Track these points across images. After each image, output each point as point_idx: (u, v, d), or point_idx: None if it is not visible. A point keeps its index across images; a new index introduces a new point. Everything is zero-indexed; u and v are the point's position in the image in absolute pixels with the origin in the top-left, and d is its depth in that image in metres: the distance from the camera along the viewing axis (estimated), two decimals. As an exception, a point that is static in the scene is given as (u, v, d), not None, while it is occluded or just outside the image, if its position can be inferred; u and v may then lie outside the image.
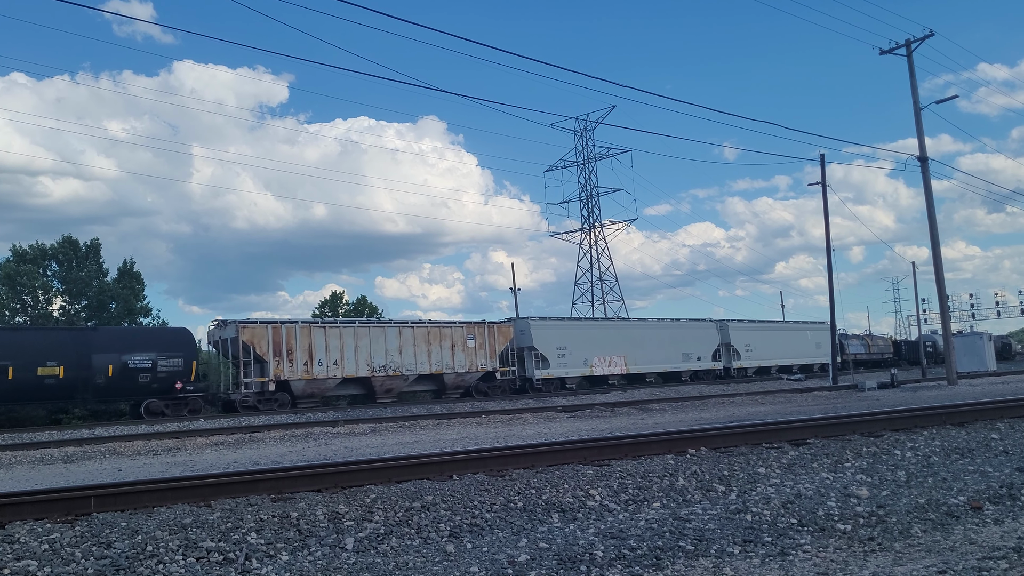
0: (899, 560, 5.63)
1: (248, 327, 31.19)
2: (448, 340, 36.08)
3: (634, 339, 43.65)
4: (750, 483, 8.67)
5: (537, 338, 38.91)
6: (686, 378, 45.57)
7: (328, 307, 60.72)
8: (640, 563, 5.76)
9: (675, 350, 45.40)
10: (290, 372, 31.69)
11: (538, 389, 38.04)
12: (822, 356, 55.70)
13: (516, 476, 8.96)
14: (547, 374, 38.90)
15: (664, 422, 18.25)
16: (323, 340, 32.64)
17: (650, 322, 47.65)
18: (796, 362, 53.93)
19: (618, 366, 42.00)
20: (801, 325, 58.31)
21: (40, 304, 42.84)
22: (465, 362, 36.53)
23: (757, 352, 51.09)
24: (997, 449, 10.48)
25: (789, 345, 54.01)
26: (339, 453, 14.21)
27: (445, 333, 36.21)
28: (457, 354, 36.28)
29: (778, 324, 56.53)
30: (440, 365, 35.75)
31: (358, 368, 33.31)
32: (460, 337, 36.47)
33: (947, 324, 33.78)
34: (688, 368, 46.10)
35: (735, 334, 49.80)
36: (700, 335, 47.63)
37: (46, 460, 15.77)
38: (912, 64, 32.52)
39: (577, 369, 40.26)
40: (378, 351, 33.95)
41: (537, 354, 38.77)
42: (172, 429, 22.20)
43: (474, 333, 37.01)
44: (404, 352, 34.72)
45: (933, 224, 32.23)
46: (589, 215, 70.43)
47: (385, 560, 6.08)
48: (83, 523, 7.08)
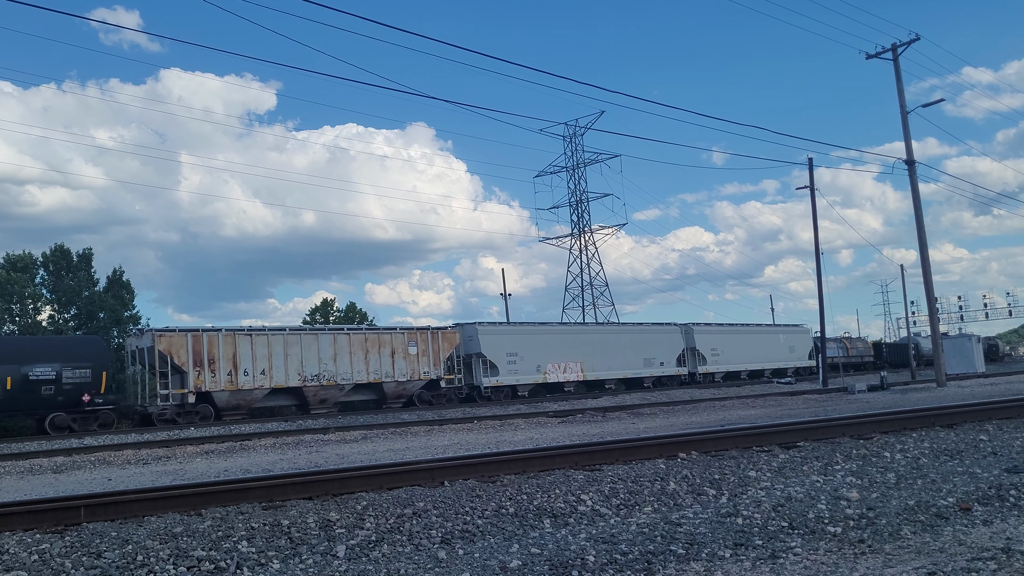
0: (889, 562, 5.66)
1: (165, 336, 29.88)
2: (388, 347, 34.61)
3: (592, 344, 42.52)
4: (741, 486, 8.69)
5: (485, 344, 37.63)
6: (648, 384, 44.51)
7: (319, 314, 60.68)
8: (632, 568, 5.77)
9: (636, 355, 44.27)
10: (212, 383, 30.23)
11: (487, 397, 36.80)
12: (796, 360, 55.34)
13: (507, 482, 8.97)
14: (496, 381, 37.49)
15: (655, 426, 18.27)
16: (249, 349, 31.21)
17: (610, 327, 46.95)
18: (767, 366, 52.99)
19: (574, 372, 40.99)
20: (773, 328, 57.41)
21: (28, 313, 42.63)
22: (407, 370, 35.01)
23: (725, 356, 49.97)
24: (986, 450, 10.53)
25: (760, 349, 52.92)
26: (330, 460, 14.17)
27: (384, 340, 34.71)
28: (398, 362, 34.82)
29: (748, 327, 55.49)
30: (379, 374, 34.26)
31: (288, 378, 31.94)
32: (401, 344, 35.05)
33: (935, 326, 33.95)
34: (650, 374, 44.84)
35: (701, 338, 48.65)
36: (663, 340, 46.52)
37: (35, 470, 15.68)
38: (898, 68, 32.73)
39: (529, 376, 39.04)
40: (310, 359, 32.51)
41: (485, 361, 37.42)
42: (162, 438, 22.12)
43: (416, 340, 35.56)
44: (339, 360, 33.27)
45: (921, 227, 32.41)
46: (579, 220, 70.61)
47: (377, 567, 6.07)
48: (73, 533, 7.05)
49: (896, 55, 32.70)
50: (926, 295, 33.23)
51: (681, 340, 47.30)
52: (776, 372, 52.98)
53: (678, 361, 46.70)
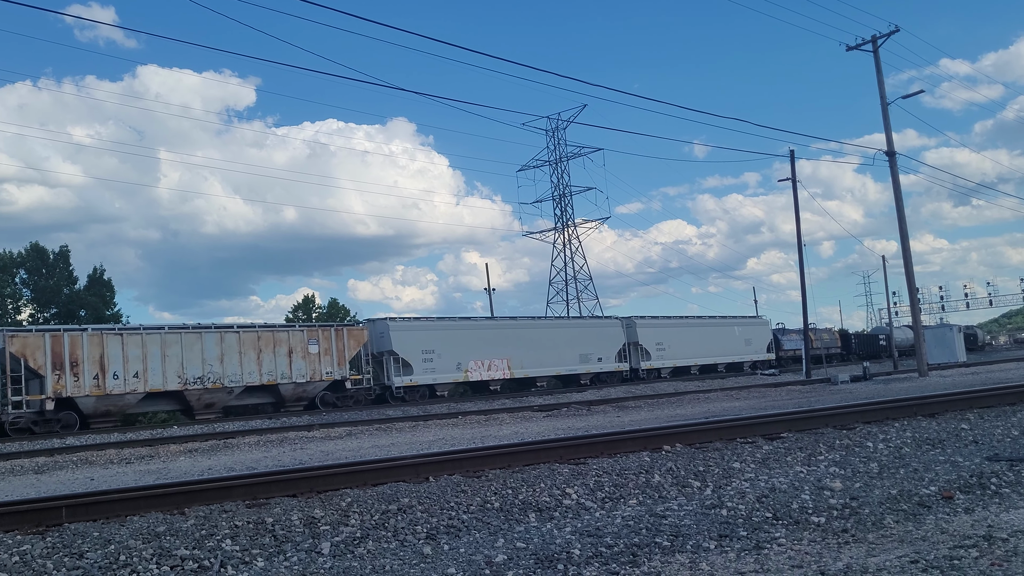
0: (872, 551, 5.69)
1: (18, 337, 27.48)
2: (284, 346, 32.19)
3: (520, 340, 40.17)
4: (725, 478, 8.73)
5: (397, 341, 35.41)
6: (586, 381, 42.40)
7: (301, 311, 60.53)
8: (617, 560, 5.78)
9: (571, 351, 42.04)
10: (75, 388, 27.69)
11: (400, 398, 34.79)
12: (752, 353, 53.23)
13: (492, 476, 8.96)
14: (410, 381, 35.30)
15: (640, 419, 18.32)
16: (120, 350, 28.69)
17: (543, 321, 44.86)
18: (721, 360, 50.89)
19: (500, 370, 38.71)
20: (727, 320, 54.78)
21: (9, 312, 42.29)
22: (306, 370, 32.60)
23: (672, 351, 47.46)
24: (967, 439, 10.62)
25: (712, 342, 50.58)
26: (315, 457, 14.13)
27: (280, 338, 32.26)
28: (296, 362, 32.38)
29: (698, 320, 53.47)
30: (274, 375, 31.80)
31: (166, 381, 29.45)
32: (299, 342, 32.70)
33: (917, 316, 34.19)
34: (587, 370, 42.53)
35: (644, 332, 46.33)
36: (601, 334, 44.35)
37: (16, 471, 15.55)
38: (878, 60, 32.88)
39: (448, 374, 36.99)
40: (193, 361, 30.00)
41: (398, 359, 35.19)
42: (145, 437, 22.00)
43: (317, 337, 33.24)
44: (227, 361, 30.73)
45: (902, 218, 32.62)
46: (562, 214, 70.65)
47: (362, 564, 6.05)
48: (55, 534, 6.99)
49: (876, 47, 32.84)
50: (907, 285, 33.47)
51: (622, 334, 45.15)
52: (731, 367, 51.03)
53: (618, 356, 44.49)
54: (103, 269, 46.46)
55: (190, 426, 26.62)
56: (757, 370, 50.13)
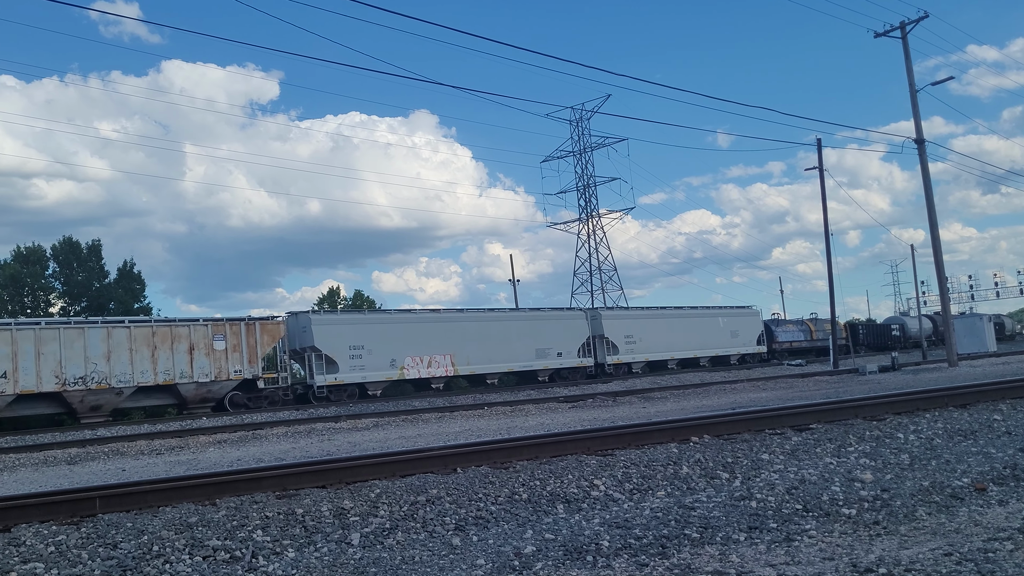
0: (904, 543, 5.64)
1: None
2: (184, 342, 29.57)
3: (466, 333, 37.69)
4: (754, 470, 8.68)
5: (321, 336, 33.09)
6: (544, 378, 40.29)
7: (326, 303, 60.86)
8: (646, 552, 5.77)
9: (526, 345, 39.60)
10: None
11: (324, 398, 32.54)
12: (739, 346, 50.57)
13: (520, 468, 8.97)
14: (335, 379, 33.09)
15: (666, 410, 18.28)
16: None
17: (493, 313, 41.38)
18: (703, 354, 48.18)
19: (442, 367, 36.42)
20: (711, 311, 51.64)
21: (41, 305, 42.88)
22: (211, 369, 29.98)
23: (645, 344, 44.72)
24: (1000, 430, 10.50)
25: (692, 334, 47.67)
26: (342, 448, 14.22)
27: (180, 334, 29.59)
28: (199, 359, 29.78)
29: (677, 310, 49.89)
30: (172, 374, 29.13)
31: (42, 382, 26.72)
32: (203, 338, 30.05)
33: (947, 306, 33.79)
34: (545, 366, 40.34)
35: (611, 324, 43.76)
36: (562, 327, 41.82)
37: (50, 462, 15.80)
38: (907, 46, 32.44)
39: (380, 372, 34.61)
40: (74, 359, 27.32)
41: (321, 355, 32.86)
42: (175, 428, 22.25)
43: (224, 333, 30.54)
44: (115, 359, 28.11)
45: (931, 207, 32.21)
46: (586, 205, 70.45)
47: (391, 554, 6.08)
48: (89, 524, 7.09)
49: (905, 33, 32.41)
50: (937, 274, 33.07)
51: (586, 327, 42.67)
52: (715, 360, 48.71)
53: (581, 351, 42.04)
54: (133, 263, 46.98)
55: (218, 417, 26.87)
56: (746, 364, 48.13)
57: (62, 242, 45.48)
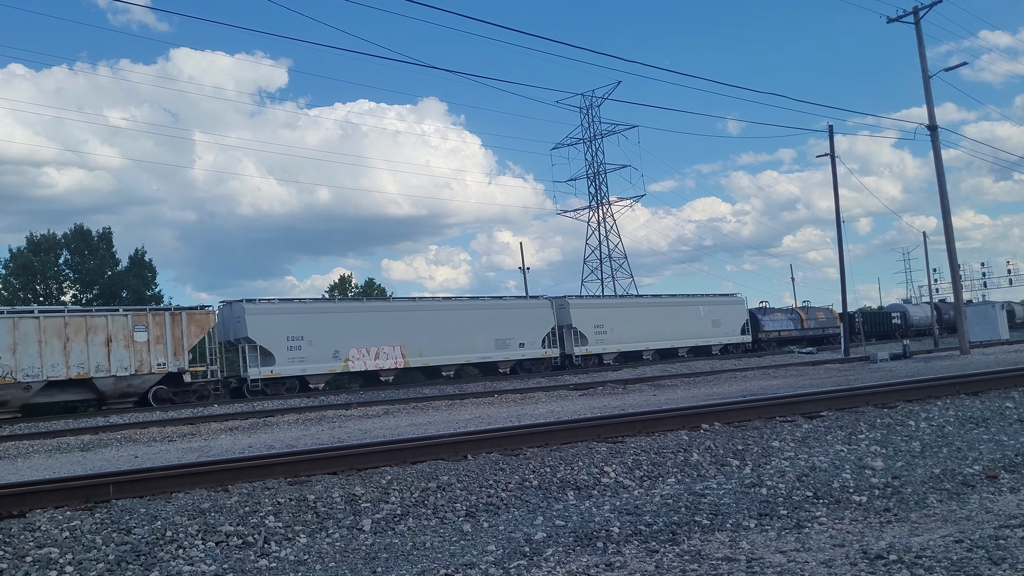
0: (915, 530, 5.64)
1: None
2: (100, 334, 27.51)
3: (418, 323, 35.88)
4: (764, 457, 8.68)
5: (255, 326, 31.24)
6: (505, 370, 38.20)
7: (336, 290, 61.01)
8: (656, 538, 5.78)
9: (485, 336, 37.64)
10: None
11: (259, 392, 30.70)
12: (722, 335, 48.80)
13: (530, 455, 8.99)
14: (271, 372, 31.33)
15: (676, 398, 18.28)
16: None
17: (448, 302, 39.33)
18: (682, 344, 46.24)
19: (391, 358, 34.67)
20: (691, 299, 49.26)
21: (53, 294, 43.13)
22: (131, 361, 27.98)
23: (616, 334, 42.85)
24: (1012, 418, 10.46)
25: (669, 323, 45.76)
26: (353, 435, 14.28)
27: (96, 324, 27.53)
28: (117, 351, 27.74)
29: (652, 299, 48.17)
30: (86, 367, 27.15)
31: None
32: (122, 329, 28.02)
33: (959, 293, 33.65)
34: (505, 357, 38.24)
35: (579, 313, 41.84)
36: (525, 316, 39.72)
37: (63, 448, 15.92)
38: (920, 31, 32.19)
39: (322, 364, 32.76)
40: None
41: (255, 347, 31.11)
42: (187, 415, 22.37)
43: (146, 323, 28.55)
44: (22, 351, 26.12)
45: (944, 194, 32.01)
46: (596, 192, 70.32)
47: (403, 540, 6.12)
48: (102, 510, 7.14)
49: (918, 18, 32.15)
50: (949, 262, 32.90)
51: (551, 316, 40.68)
52: (695, 350, 46.88)
53: (546, 341, 40.18)
54: (144, 250, 47.17)
55: (230, 404, 26.99)
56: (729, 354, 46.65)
57: (74, 230, 45.68)
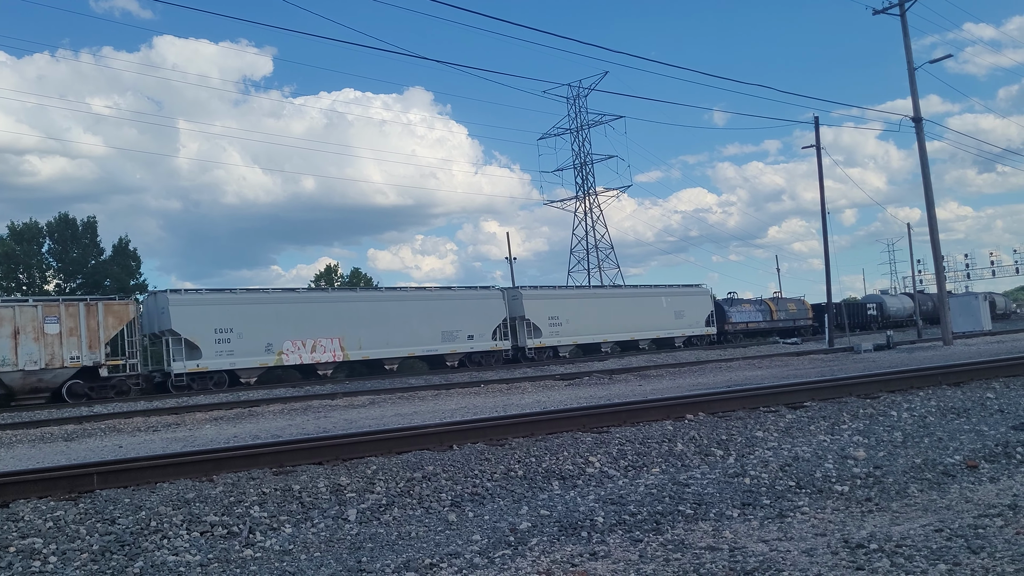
0: (896, 520, 5.69)
1: None
2: (7, 325, 26.08)
3: (358, 315, 34.66)
4: (748, 447, 8.74)
5: (180, 318, 29.90)
6: (452, 363, 37.09)
7: (323, 280, 60.85)
8: (640, 528, 5.82)
9: (431, 327, 36.46)
10: None
11: (184, 386, 29.34)
12: (685, 327, 47.53)
13: (516, 445, 9.01)
14: (197, 366, 29.93)
15: (662, 388, 18.36)
16: None
17: (391, 292, 38.01)
18: (643, 336, 45.09)
19: (328, 351, 33.45)
20: (654, 290, 48.12)
21: (36, 282, 42.82)
22: (41, 355, 26.53)
23: (573, 326, 41.66)
24: (992, 408, 10.56)
25: (630, 315, 44.62)
26: (338, 425, 14.27)
27: (2, 316, 26.06)
28: (26, 344, 26.30)
29: (612, 289, 47.11)
30: None
31: None
32: (31, 321, 26.54)
33: (942, 284, 33.89)
34: (453, 350, 37.13)
35: (533, 304, 40.36)
36: (473, 307, 38.39)
37: (47, 438, 15.84)
38: (905, 23, 32.32)
39: (253, 358, 31.44)
40: None
41: (180, 340, 29.78)
42: (171, 405, 22.29)
43: (59, 315, 27.07)
44: None
45: (928, 185, 32.21)
46: (583, 183, 70.33)
47: (388, 530, 6.14)
48: (87, 500, 7.13)
49: (903, 10, 32.28)
50: (933, 253, 33.16)
51: (503, 307, 39.25)
52: (658, 342, 45.80)
53: (497, 333, 38.87)
54: (128, 239, 46.87)
55: (215, 395, 26.92)
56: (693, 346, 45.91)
57: (58, 219, 45.35)
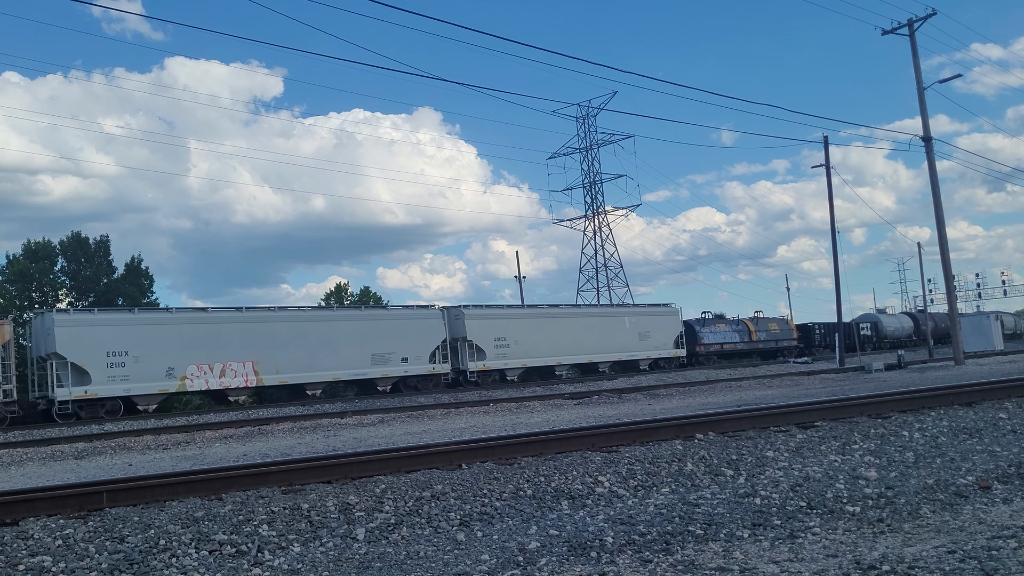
0: (908, 541, 5.65)
1: None
2: None
3: (275, 337, 31.86)
4: (758, 467, 8.69)
5: (65, 340, 27.34)
6: (384, 388, 34.30)
7: (333, 299, 61.00)
8: (650, 548, 5.79)
9: (360, 350, 33.72)
10: None
11: (69, 415, 26.92)
12: (651, 349, 44.75)
13: (525, 464, 8.99)
14: (85, 393, 27.38)
15: (671, 407, 18.29)
16: None
17: (313, 312, 35.62)
18: (603, 358, 42.19)
19: (240, 376, 30.69)
20: (616, 309, 46.10)
21: (49, 301, 43.05)
22: None
23: (522, 347, 38.73)
24: (1005, 428, 10.48)
25: (588, 336, 41.86)
26: (348, 444, 14.26)
27: None
28: None
29: (569, 309, 44.15)
30: None
31: None
32: None
33: (953, 303, 33.75)
34: (385, 374, 34.31)
35: (476, 324, 37.50)
36: (408, 328, 35.56)
37: (57, 456, 15.87)
38: (915, 44, 32.37)
39: (152, 383, 28.90)
40: None
41: (66, 363, 27.18)
42: (181, 423, 22.32)
43: None
44: None
45: (938, 205, 32.13)
46: (593, 202, 70.35)
47: (396, 550, 6.11)
48: (96, 518, 7.12)
49: (912, 31, 32.33)
50: (944, 272, 33.02)
51: (442, 328, 36.44)
52: (621, 365, 43.05)
53: (436, 356, 36.01)
54: (141, 258, 47.12)
55: (225, 412, 26.96)
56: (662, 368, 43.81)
57: (71, 237, 45.63)
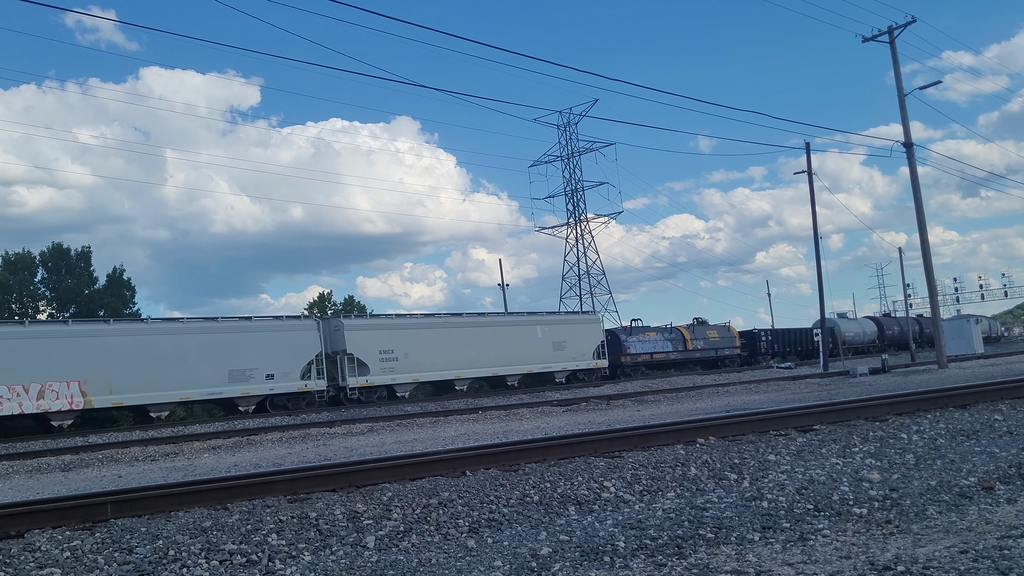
0: (919, 541, 5.70)
1: None
2: None
3: (108, 353, 27.96)
4: (762, 470, 8.73)
5: None
6: (245, 408, 30.68)
7: (316, 308, 60.73)
8: (662, 552, 5.81)
9: (215, 367, 29.89)
10: None
11: None
12: (568, 360, 41.50)
13: (529, 470, 8.98)
14: None
15: (661, 413, 18.34)
16: None
17: (153, 325, 31.18)
18: (511, 371, 38.70)
19: (64, 397, 26.89)
20: (525, 318, 42.10)
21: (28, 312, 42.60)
22: None
23: (413, 360, 35.19)
24: (1001, 430, 10.59)
25: (493, 347, 38.13)
26: (339, 453, 14.20)
27: None
28: None
29: (470, 318, 40.40)
30: None
31: None
32: None
33: (936, 308, 34.07)
34: (245, 392, 30.62)
35: (358, 336, 34.15)
36: (274, 341, 31.93)
37: (43, 469, 15.70)
38: (895, 51, 32.71)
39: None
40: None
41: None
42: (168, 435, 22.13)
43: None
44: None
45: (920, 209, 32.42)
46: (575, 209, 70.46)
47: (408, 557, 6.10)
48: (102, 529, 7.06)
49: (892, 38, 32.67)
50: (926, 277, 33.28)
51: (316, 341, 32.90)
52: (532, 378, 39.73)
53: (309, 371, 32.47)
54: (123, 269, 46.77)
55: (212, 423, 26.75)
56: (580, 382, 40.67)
57: (51, 248, 45.23)
